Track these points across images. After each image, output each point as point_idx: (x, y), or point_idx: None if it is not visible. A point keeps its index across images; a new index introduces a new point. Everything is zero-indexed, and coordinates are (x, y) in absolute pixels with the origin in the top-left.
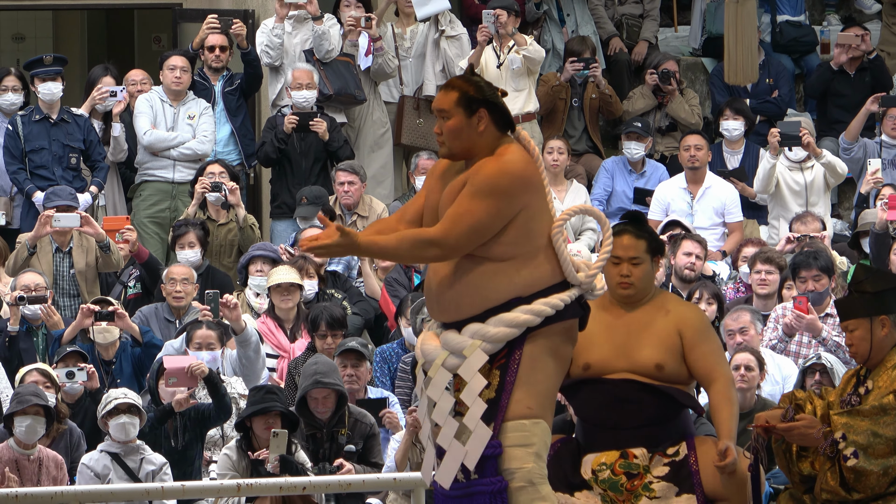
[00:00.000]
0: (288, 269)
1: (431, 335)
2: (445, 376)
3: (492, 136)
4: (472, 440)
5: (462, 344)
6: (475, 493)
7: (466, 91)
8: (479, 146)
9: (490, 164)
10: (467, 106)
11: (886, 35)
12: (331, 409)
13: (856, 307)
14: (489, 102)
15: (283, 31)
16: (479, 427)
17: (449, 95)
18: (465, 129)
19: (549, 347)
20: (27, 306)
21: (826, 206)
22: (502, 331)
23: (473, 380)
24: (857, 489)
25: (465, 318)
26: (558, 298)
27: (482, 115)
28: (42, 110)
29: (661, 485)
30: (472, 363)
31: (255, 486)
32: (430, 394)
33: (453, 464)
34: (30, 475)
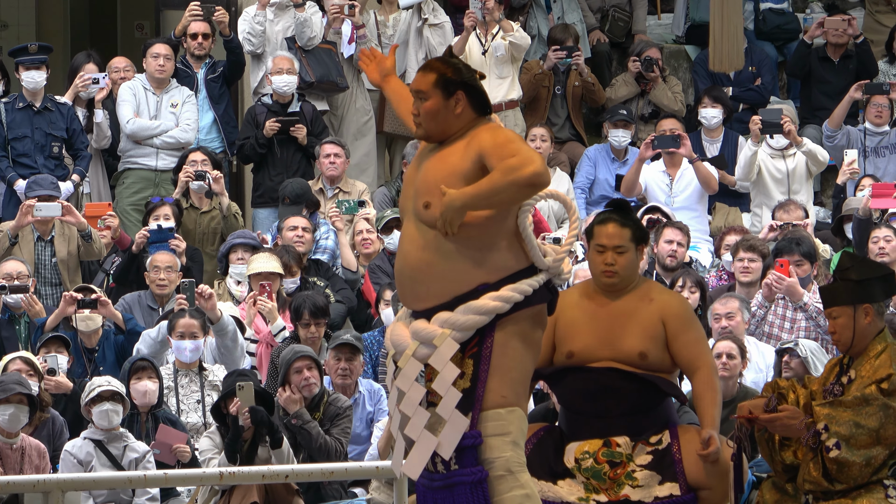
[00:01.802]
0: (268, 257)
1: (401, 325)
2: (416, 367)
3: (468, 118)
4: (447, 430)
5: (432, 333)
6: (456, 484)
7: (444, 73)
8: (455, 128)
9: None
10: (445, 88)
11: (870, 23)
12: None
13: (840, 295)
14: (467, 85)
15: (265, 18)
16: (454, 416)
17: (427, 77)
18: (442, 110)
19: (519, 333)
20: (9, 295)
21: (808, 193)
22: (471, 318)
23: (445, 369)
24: (839, 480)
25: (434, 306)
26: (526, 284)
27: (459, 97)
28: (25, 98)
29: (643, 473)
30: (443, 352)
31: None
32: (400, 384)
33: (423, 455)
34: (12, 464)
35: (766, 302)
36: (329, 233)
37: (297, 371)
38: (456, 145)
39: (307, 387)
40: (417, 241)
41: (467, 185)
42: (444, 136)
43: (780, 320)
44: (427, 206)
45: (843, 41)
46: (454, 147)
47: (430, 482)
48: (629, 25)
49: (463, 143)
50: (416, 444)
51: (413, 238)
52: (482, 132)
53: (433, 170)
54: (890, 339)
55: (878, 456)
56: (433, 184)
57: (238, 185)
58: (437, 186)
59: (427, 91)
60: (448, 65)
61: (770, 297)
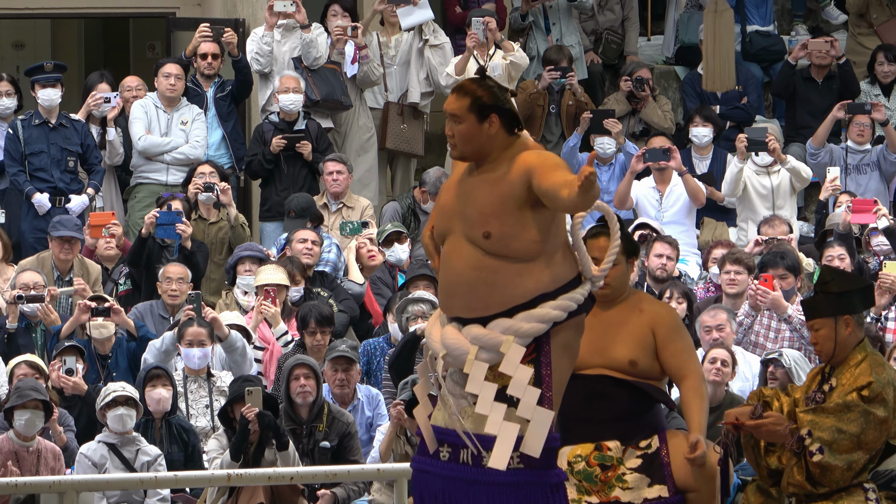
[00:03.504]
0: (274, 269)
1: (452, 330)
2: (482, 368)
3: (502, 138)
4: (533, 427)
5: (496, 339)
6: (532, 484)
7: (480, 97)
8: (489, 148)
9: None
10: (479, 112)
11: (852, 45)
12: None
13: (821, 307)
14: (500, 108)
15: (272, 39)
16: (537, 412)
17: (461, 101)
18: (477, 133)
19: (565, 341)
20: (26, 305)
21: (792, 209)
22: (535, 326)
23: (519, 371)
24: (822, 483)
25: (490, 315)
26: (578, 293)
27: (493, 120)
28: (41, 115)
29: (633, 476)
30: (512, 357)
31: (245, 475)
32: (471, 388)
33: (508, 445)
34: (29, 466)
35: (753, 311)
36: (332, 246)
37: (294, 378)
38: (500, 169)
39: (301, 394)
40: (472, 262)
41: (520, 208)
42: (479, 157)
43: (765, 330)
44: (488, 235)
45: (827, 62)
46: (498, 172)
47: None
48: (621, 47)
49: (506, 167)
50: (499, 437)
51: (465, 257)
52: (527, 156)
53: (484, 197)
54: (869, 349)
55: (858, 460)
56: (489, 211)
57: (246, 200)
58: (492, 215)
59: (461, 115)
60: (483, 87)
61: (756, 307)
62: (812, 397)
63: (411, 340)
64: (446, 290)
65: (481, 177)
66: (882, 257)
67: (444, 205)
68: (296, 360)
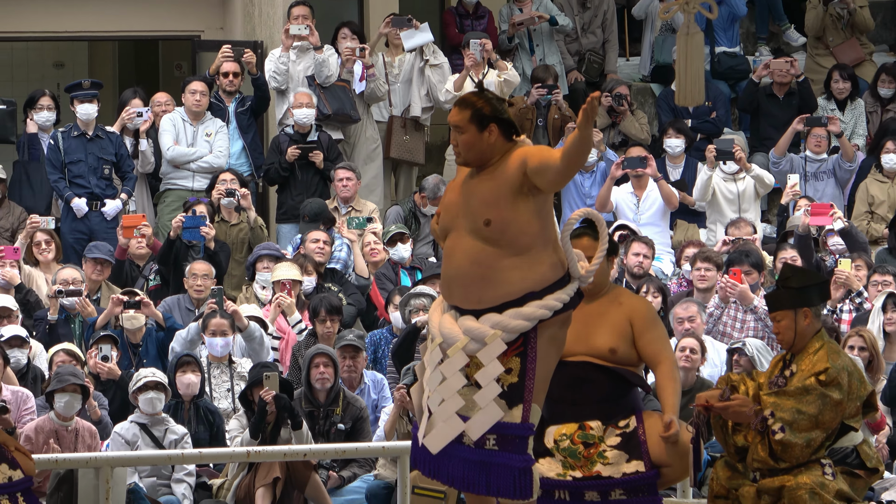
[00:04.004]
0: (289, 266)
1: (449, 318)
2: (463, 359)
3: (501, 144)
4: (480, 415)
5: (484, 332)
6: (499, 465)
7: (480, 109)
8: (490, 154)
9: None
10: (479, 122)
11: (810, 64)
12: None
13: (782, 300)
14: (498, 118)
15: (288, 59)
16: (490, 405)
17: (463, 113)
18: (478, 141)
19: (552, 336)
20: (65, 298)
21: (756, 212)
22: (520, 323)
23: (491, 365)
24: (783, 459)
25: (484, 309)
26: (565, 294)
27: (492, 129)
28: (80, 127)
29: (613, 452)
30: (491, 350)
31: (263, 452)
32: (444, 370)
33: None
34: (68, 443)
35: (722, 303)
36: (342, 245)
37: (314, 366)
38: (499, 168)
39: (320, 380)
40: (471, 254)
41: (516, 194)
42: (481, 162)
43: (732, 321)
44: (488, 222)
45: (787, 80)
46: (497, 170)
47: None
48: (602, 66)
49: (504, 163)
50: (444, 425)
51: (467, 251)
52: (522, 149)
53: (484, 190)
54: (826, 338)
55: (816, 438)
56: (490, 200)
57: (264, 204)
58: (492, 203)
59: (463, 126)
60: (482, 100)
61: (725, 298)
62: (775, 382)
63: (412, 331)
64: (447, 281)
65: (482, 177)
66: (837, 256)
67: (449, 203)
68: (316, 350)
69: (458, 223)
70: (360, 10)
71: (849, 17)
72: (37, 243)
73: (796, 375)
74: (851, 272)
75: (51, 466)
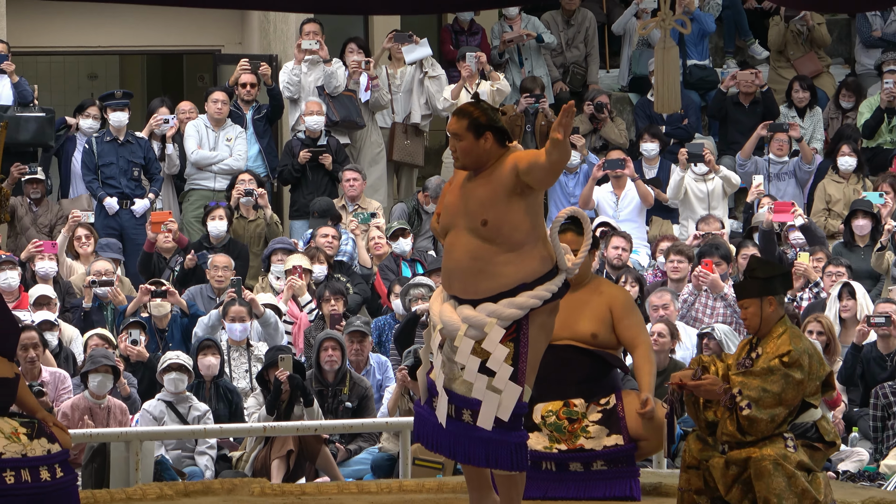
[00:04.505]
0: (300, 256)
1: (449, 308)
2: (469, 344)
3: (496, 150)
4: (504, 396)
5: (482, 321)
6: (498, 440)
7: (476, 118)
8: (486, 158)
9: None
10: (475, 130)
11: (773, 76)
12: (338, 359)
13: (749, 289)
14: (493, 126)
15: (300, 71)
16: (508, 386)
17: (461, 122)
18: (475, 148)
19: (541, 322)
20: (99, 288)
21: (724, 209)
22: (514, 311)
23: (497, 350)
24: (750, 433)
25: (481, 299)
26: (553, 284)
27: (488, 136)
28: (112, 133)
29: (595, 427)
30: (493, 337)
31: (278, 427)
32: (459, 359)
33: (491, 409)
34: (101, 419)
35: (695, 291)
36: (348, 240)
37: (324, 349)
38: (494, 172)
39: (329, 362)
40: (470, 250)
41: (510, 195)
42: (477, 166)
43: (703, 307)
44: (485, 222)
45: (752, 90)
46: (493, 174)
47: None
48: (585, 78)
49: (499, 167)
50: (484, 402)
51: (465, 247)
52: (514, 153)
53: (481, 192)
54: (789, 324)
55: (780, 414)
56: (486, 201)
57: (278, 202)
58: (489, 204)
59: (461, 134)
60: (478, 109)
61: (698, 286)
62: (742, 363)
63: (412, 318)
64: (447, 273)
65: (479, 181)
66: (798, 249)
67: (449, 204)
68: (325, 335)
69: (458, 222)
70: (366, 27)
71: (808, 33)
72: (77, 237)
73: (762, 357)
74: (810, 264)
75: (85, 440)
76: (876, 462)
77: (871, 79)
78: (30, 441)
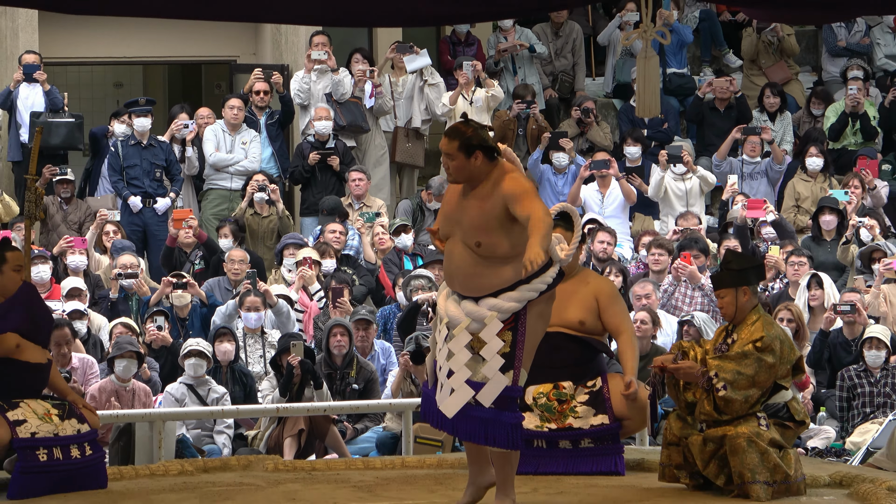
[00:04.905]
0: (310, 250)
1: (453, 303)
2: (467, 337)
3: (486, 166)
4: (490, 385)
5: (483, 314)
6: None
7: (467, 139)
8: (478, 175)
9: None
10: (467, 150)
11: (746, 83)
12: (346, 344)
13: (725, 280)
14: (482, 145)
15: (310, 79)
16: (496, 376)
17: (452, 143)
18: (466, 166)
19: (539, 311)
20: (124, 280)
21: (701, 206)
22: (513, 305)
23: (493, 341)
24: (725, 412)
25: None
26: (548, 276)
27: (478, 155)
28: (136, 137)
29: (582, 408)
30: (491, 329)
31: (290, 408)
32: (451, 347)
33: (461, 400)
34: (126, 401)
35: (675, 282)
36: (355, 235)
37: (333, 335)
38: (485, 189)
39: (337, 347)
40: (467, 259)
41: (501, 222)
42: (469, 181)
43: (682, 297)
44: (479, 244)
45: (727, 96)
46: (485, 191)
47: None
48: (572, 85)
49: (490, 187)
50: (456, 392)
51: (463, 256)
52: (506, 181)
53: (474, 214)
54: (762, 312)
55: (753, 395)
56: (479, 226)
57: (289, 200)
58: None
59: (453, 153)
60: (468, 130)
61: (678, 277)
62: (719, 348)
63: (413, 307)
64: (448, 275)
65: (474, 194)
66: (769, 243)
67: (448, 212)
68: (334, 322)
69: (455, 233)
70: (370, 39)
71: (778, 44)
72: (106, 232)
73: (737, 343)
74: (780, 257)
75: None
76: (842, 439)
77: (836, 85)
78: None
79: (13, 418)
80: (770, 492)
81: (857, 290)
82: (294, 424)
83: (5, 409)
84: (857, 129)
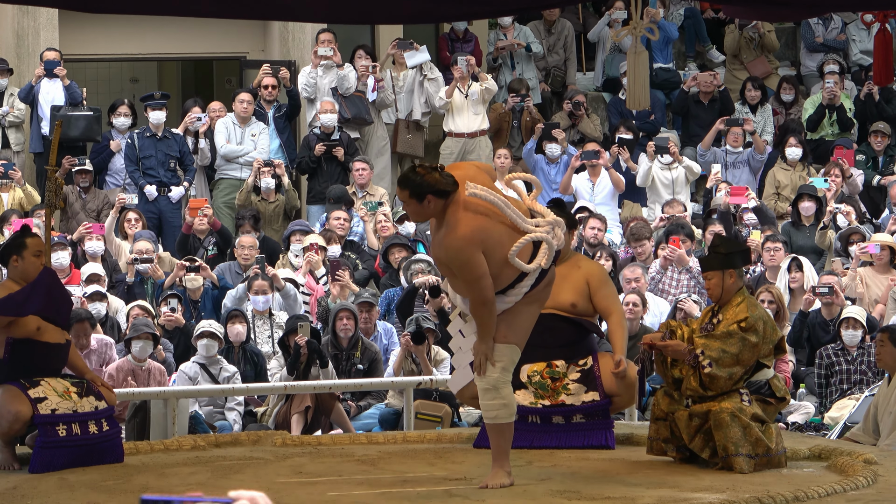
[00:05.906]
0: (316, 236)
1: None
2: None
3: (440, 205)
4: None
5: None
6: None
7: (416, 187)
8: (434, 215)
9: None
10: (418, 197)
11: (729, 77)
12: (352, 327)
13: (712, 263)
14: (432, 190)
15: (316, 74)
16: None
17: (404, 192)
18: (421, 210)
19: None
20: (140, 265)
21: (687, 194)
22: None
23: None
24: (710, 388)
25: None
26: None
27: (430, 199)
28: (151, 130)
29: (574, 385)
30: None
31: (297, 386)
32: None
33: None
34: (142, 380)
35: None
36: (359, 223)
37: (339, 318)
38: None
39: (343, 329)
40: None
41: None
42: (427, 219)
43: (669, 279)
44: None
45: (711, 90)
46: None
47: None
48: (564, 79)
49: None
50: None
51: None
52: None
53: (440, 254)
54: (746, 294)
55: (737, 372)
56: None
57: (297, 189)
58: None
59: (407, 202)
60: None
61: (665, 266)
62: (705, 327)
63: (412, 290)
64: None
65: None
66: (750, 228)
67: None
68: (340, 306)
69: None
70: (373, 36)
71: (759, 39)
72: (127, 219)
73: (722, 323)
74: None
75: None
76: (820, 414)
77: (814, 79)
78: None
79: (34, 396)
80: (752, 464)
81: (835, 273)
82: (301, 402)
83: (27, 387)
84: (834, 120)
